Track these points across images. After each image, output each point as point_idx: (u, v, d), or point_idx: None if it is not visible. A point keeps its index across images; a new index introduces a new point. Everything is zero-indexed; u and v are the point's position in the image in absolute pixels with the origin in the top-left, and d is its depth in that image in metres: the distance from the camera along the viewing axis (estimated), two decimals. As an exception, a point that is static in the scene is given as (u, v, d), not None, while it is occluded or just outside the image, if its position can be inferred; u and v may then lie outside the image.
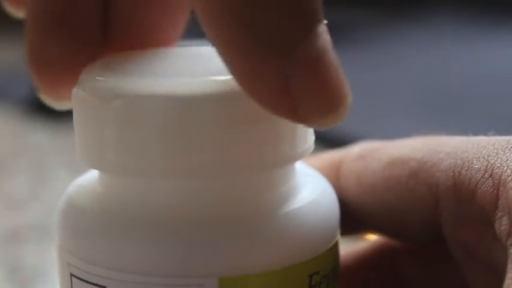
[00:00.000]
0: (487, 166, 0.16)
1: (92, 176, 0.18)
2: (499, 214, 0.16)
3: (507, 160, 0.16)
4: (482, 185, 0.16)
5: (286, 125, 0.16)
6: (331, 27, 0.15)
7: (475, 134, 0.18)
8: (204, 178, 0.16)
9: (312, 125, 0.15)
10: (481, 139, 0.17)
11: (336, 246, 0.18)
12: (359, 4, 1.00)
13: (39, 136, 0.55)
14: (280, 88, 0.14)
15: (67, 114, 0.18)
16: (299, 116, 0.15)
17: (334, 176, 0.20)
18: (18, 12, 0.19)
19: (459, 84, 0.66)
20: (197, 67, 0.17)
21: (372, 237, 0.21)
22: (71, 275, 0.17)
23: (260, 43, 0.14)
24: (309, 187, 0.18)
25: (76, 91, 0.17)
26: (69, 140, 0.17)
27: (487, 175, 0.16)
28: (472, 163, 0.17)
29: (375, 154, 0.19)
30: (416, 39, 0.85)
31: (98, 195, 0.17)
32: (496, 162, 0.16)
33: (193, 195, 0.16)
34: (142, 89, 0.16)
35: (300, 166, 0.18)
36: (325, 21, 0.15)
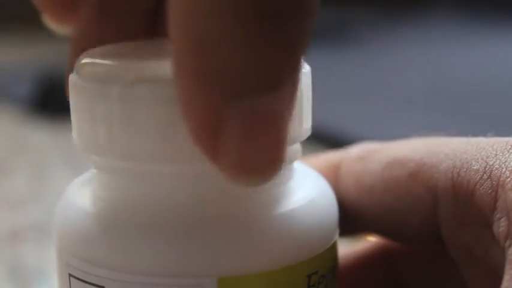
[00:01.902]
0: (485, 167, 0.16)
1: (90, 175, 0.18)
2: (498, 215, 0.16)
3: (506, 161, 0.16)
4: (480, 187, 0.16)
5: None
6: (331, 27, 0.15)
7: (475, 135, 0.18)
8: (200, 165, 0.16)
9: (230, 179, 0.14)
10: (480, 140, 0.17)
11: (334, 246, 0.18)
12: (359, 4, 1.00)
13: (39, 136, 0.55)
14: (211, 129, 0.13)
15: (67, 114, 0.18)
16: (220, 165, 0.13)
17: (333, 177, 0.20)
18: (61, 28, 0.19)
19: (459, 84, 0.66)
20: None
21: (371, 238, 0.21)
22: (70, 275, 0.17)
23: (208, 73, 0.13)
24: (308, 187, 0.18)
25: (72, 77, 0.16)
26: (69, 140, 0.17)
27: (485, 176, 0.16)
28: (471, 164, 0.17)
29: (374, 155, 0.19)
30: (417, 39, 0.85)
31: (96, 195, 0.17)
32: (495, 164, 0.16)
33: (191, 195, 0.16)
34: (140, 74, 0.15)
35: (298, 166, 0.18)
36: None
